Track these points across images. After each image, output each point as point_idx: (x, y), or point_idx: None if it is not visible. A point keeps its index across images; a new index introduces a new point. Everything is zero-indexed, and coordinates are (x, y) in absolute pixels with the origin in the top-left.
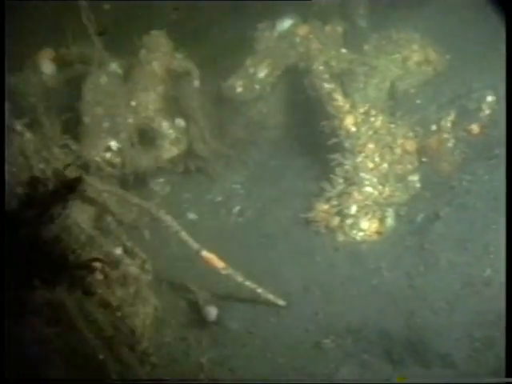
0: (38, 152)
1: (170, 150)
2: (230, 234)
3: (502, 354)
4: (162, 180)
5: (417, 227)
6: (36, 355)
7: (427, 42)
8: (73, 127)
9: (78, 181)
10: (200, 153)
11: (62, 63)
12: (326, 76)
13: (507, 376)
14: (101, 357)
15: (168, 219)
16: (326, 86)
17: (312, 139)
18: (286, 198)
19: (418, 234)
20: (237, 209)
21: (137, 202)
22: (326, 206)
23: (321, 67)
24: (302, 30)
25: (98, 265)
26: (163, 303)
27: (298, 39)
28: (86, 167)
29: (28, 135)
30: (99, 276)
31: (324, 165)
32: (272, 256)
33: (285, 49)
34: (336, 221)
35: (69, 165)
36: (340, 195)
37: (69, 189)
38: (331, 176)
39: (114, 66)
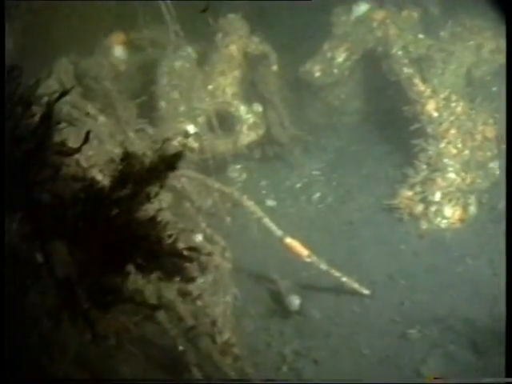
0: (113, 136)
1: (247, 136)
2: (310, 222)
3: None
4: (239, 166)
5: (498, 215)
6: (113, 347)
7: (499, 30)
8: (148, 112)
9: (178, 156)
10: (278, 138)
11: (133, 47)
12: (405, 61)
13: (507, 376)
14: (180, 348)
15: (251, 205)
16: (406, 70)
17: (392, 125)
18: (367, 184)
19: (500, 221)
20: (317, 195)
21: (218, 188)
22: (409, 193)
23: (399, 52)
24: (379, 14)
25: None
26: (244, 292)
27: (375, 24)
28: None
29: (102, 119)
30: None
31: (406, 150)
32: (355, 244)
33: (362, 33)
34: (420, 208)
35: None
36: (424, 182)
37: (168, 165)
38: (414, 162)
39: (190, 50)
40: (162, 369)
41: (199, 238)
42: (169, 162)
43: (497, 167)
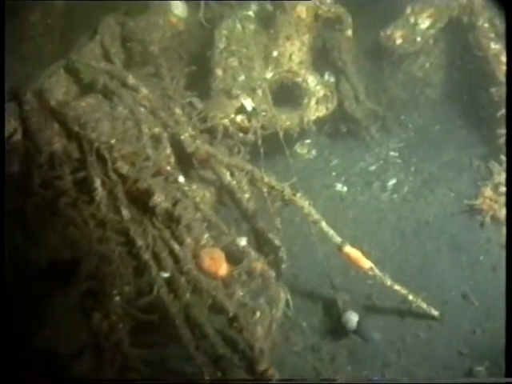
0: (155, 112)
1: (317, 110)
2: (382, 215)
3: None
4: (308, 141)
5: None
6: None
7: None
8: (201, 82)
9: None
10: (352, 113)
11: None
12: (492, 35)
13: (507, 376)
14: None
15: (306, 205)
16: (493, 46)
17: (477, 106)
18: (448, 175)
19: None
20: (392, 182)
21: (269, 182)
22: (493, 193)
23: (486, 25)
24: None
25: None
26: (295, 304)
27: None
28: (212, 132)
29: (144, 90)
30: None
31: (493, 139)
32: (428, 250)
33: None
34: (504, 212)
35: None
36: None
37: None
38: (501, 156)
39: (255, 8)
40: None
41: (243, 242)
42: None
43: None
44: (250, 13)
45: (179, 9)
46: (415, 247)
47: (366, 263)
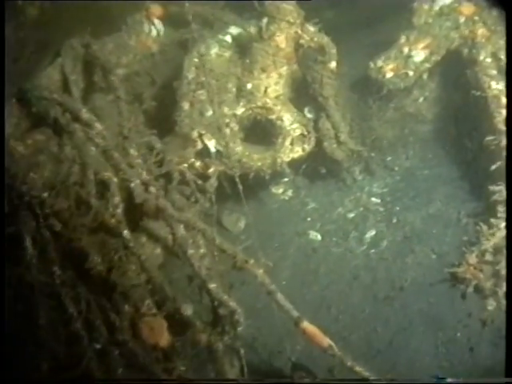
0: (107, 153)
1: (291, 151)
2: (355, 273)
3: None
4: (285, 180)
5: None
6: None
7: None
8: (168, 113)
9: None
10: (332, 155)
11: (172, 23)
12: (494, 72)
13: (507, 376)
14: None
15: (259, 274)
16: (494, 86)
17: (473, 154)
18: (432, 232)
19: None
20: (371, 234)
21: (220, 245)
22: (478, 260)
23: (488, 59)
24: (467, 8)
25: None
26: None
27: (461, 19)
28: (168, 178)
29: (98, 126)
30: None
31: (484, 196)
32: (400, 320)
33: (446, 28)
34: (489, 284)
35: None
36: (497, 249)
37: None
38: (491, 220)
39: (234, 33)
40: None
41: (189, 311)
42: None
43: None
44: (228, 37)
45: (154, 28)
46: (386, 316)
47: (325, 341)
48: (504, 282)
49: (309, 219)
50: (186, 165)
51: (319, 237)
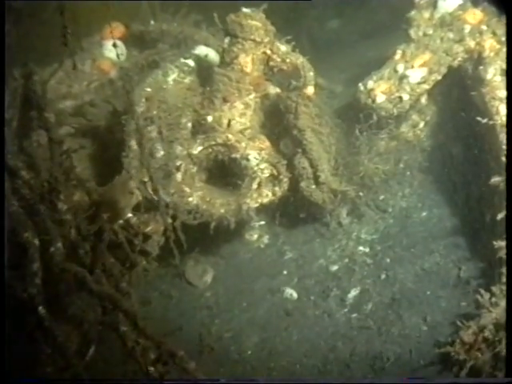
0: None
1: (260, 195)
2: (332, 344)
3: None
4: (261, 223)
5: None
6: None
7: None
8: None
9: None
10: (311, 197)
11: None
12: (504, 93)
13: (507, 376)
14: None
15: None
16: (504, 111)
17: (478, 199)
18: (425, 293)
19: None
20: (354, 294)
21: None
22: (475, 338)
23: (497, 78)
24: (474, 16)
25: None
26: None
27: (466, 29)
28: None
29: (25, 175)
30: None
31: (488, 253)
32: None
33: (449, 40)
34: (487, 367)
35: None
36: (498, 324)
37: None
38: (493, 288)
39: (200, 54)
40: None
41: None
42: None
43: None
44: (190, 61)
45: (114, 51)
46: None
47: None
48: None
49: (285, 272)
50: (121, 221)
51: (295, 295)
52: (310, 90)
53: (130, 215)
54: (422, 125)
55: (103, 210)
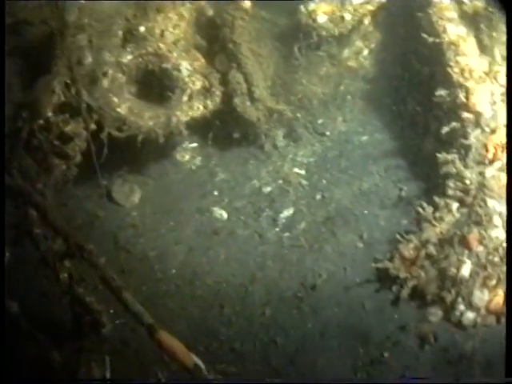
0: None
1: (191, 108)
2: (261, 263)
3: None
4: (193, 145)
5: None
6: None
7: None
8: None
9: None
10: (244, 114)
11: None
12: (454, 15)
13: (507, 376)
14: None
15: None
16: (452, 29)
17: (424, 116)
18: (362, 213)
19: None
20: (287, 214)
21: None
22: (417, 253)
23: None
24: None
25: None
26: None
27: None
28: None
29: None
30: None
31: (431, 166)
32: (308, 331)
33: None
34: (433, 287)
35: None
36: (445, 240)
37: None
38: (435, 198)
39: None
40: None
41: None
42: None
43: None
44: None
45: None
46: (291, 324)
47: (189, 359)
48: (458, 285)
49: (216, 193)
50: (41, 121)
51: (225, 215)
52: (246, 4)
53: (49, 114)
54: (366, 52)
55: (23, 109)
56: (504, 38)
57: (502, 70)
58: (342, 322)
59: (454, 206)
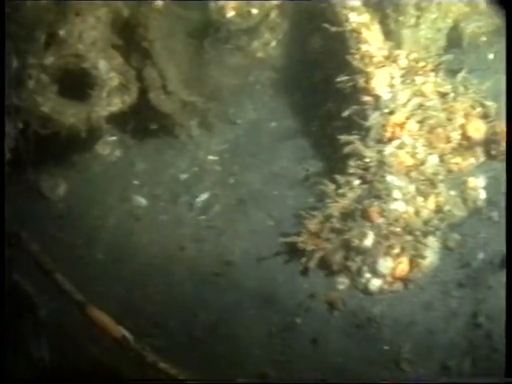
0: None
1: (110, 104)
2: (177, 245)
3: None
4: (113, 139)
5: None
6: None
7: None
8: None
9: None
10: (160, 107)
11: None
12: (356, 3)
13: (507, 376)
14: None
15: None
16: (354, 18)
17: (325, 100)
18: (272, 194)
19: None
20: (203, 198)
21: None
22: (319, 227)
23: None
24: None
25: None
26: None
27: None
28: None
29: None
30: None
31: (334, 147)
32: (224, 303)
33: None
34: (338, 256)
35: None
36: (347, 214)
37: None
38: (336, 176)
39: None
40: None
41: None
42: None
43: (482, 186)
44: None
45: None
46: (210, 298)
47: (116, 331)
48: (362, 255)
49: (136, 182)
50: None
51: (145, 202)
52: (159, 3)
53: None
54: (274, 43)
55: None
56: (413, 20)
57: (403, 53)
58: (257, 293)
59: (356, 182)
